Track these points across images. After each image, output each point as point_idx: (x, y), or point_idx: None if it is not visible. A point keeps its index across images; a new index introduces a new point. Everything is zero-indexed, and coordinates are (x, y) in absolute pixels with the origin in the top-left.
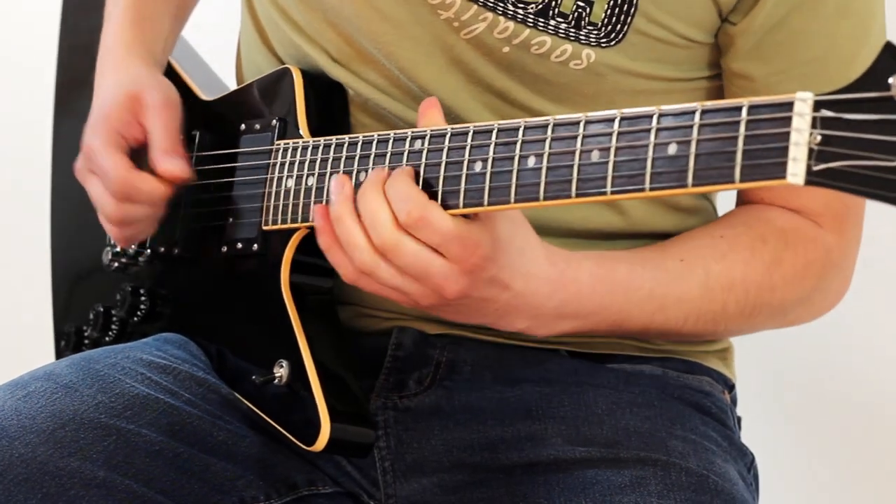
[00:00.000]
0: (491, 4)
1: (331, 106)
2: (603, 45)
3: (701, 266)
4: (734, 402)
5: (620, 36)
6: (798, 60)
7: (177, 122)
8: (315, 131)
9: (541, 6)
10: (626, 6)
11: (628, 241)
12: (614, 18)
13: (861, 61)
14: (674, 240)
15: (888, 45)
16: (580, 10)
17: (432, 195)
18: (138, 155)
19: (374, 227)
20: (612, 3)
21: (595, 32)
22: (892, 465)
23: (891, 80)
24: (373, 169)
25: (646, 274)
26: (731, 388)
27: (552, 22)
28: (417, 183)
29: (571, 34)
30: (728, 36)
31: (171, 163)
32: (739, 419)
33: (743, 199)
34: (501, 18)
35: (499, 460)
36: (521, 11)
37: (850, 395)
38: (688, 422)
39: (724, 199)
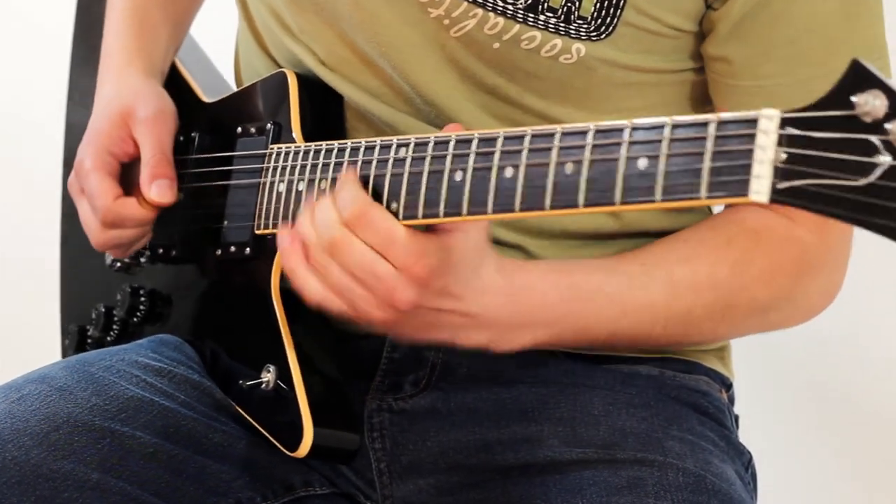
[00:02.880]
0: (480, 1)
1: (325, 110)
2: (593, 38)
3: (663, 269)
4: (732, 400)
5: (610, 29)
6: (779, 42)
7: (169, 136)
8: (309, 135)
9: (530, 1)
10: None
11: (623, 242)
12: (604, 12)
13: (848, 46)
14: (637, 248)
15: (854, 63)
16: (569, 4)
17: (413, 203)
18: (131, 169)
19: (323, 226)
20: None
21: (585, 26)
22: (891, 463)
23: (854, 99)
24: None
25: (603, 279)
26: (728, 386)
27: (542, 17)
28: (366, 187)
29: (561, 28)
30: (710, 21)
31: (156, 189)
32: (737, 418)
33: None
34: (491, 14)
35: (495, 462)
36: (510, 7)
37: (849, 393)
38: (685, 422)
39: None
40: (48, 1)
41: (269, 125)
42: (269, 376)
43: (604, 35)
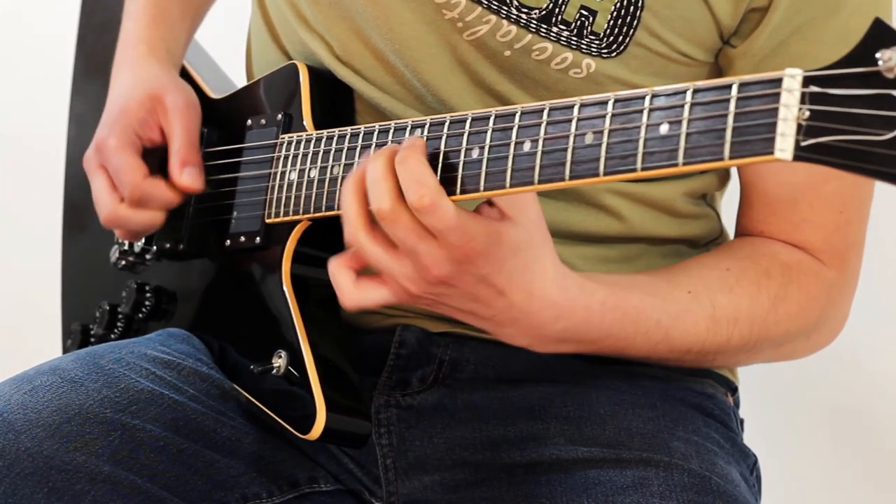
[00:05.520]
0: (495, 7)
1: (336, 101)
2: (604, 55)
3: (708, 299)
4: (737, 404)
5: (622, 48)
6: None
7: (196, 127)
8: (320, 126)
9: (544, 12)
10: (629, 19)
11: (626, 245)
12: (616, 30)
13: None
14: (681, 268)
15: (877, 20)
16: (583, 19)
17: None
18: (151, 155)
19: (375, 194)
20: (615, 14)
21: (596, 42)
22: (894, 467)
23: (878, 55)
24: None
25: (656, 305)
26: (734, 390)
27: (554, 29)
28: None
29: (573, 42)
30: (728, 58)
31: (189, 175)
32: (742, 421)
33: (743, 231)
34: (504, 22)
35: (501, 459)
36: (524, 16)
37: (853, 397)
38: (690, 423)
39: (727, 208)
40: (51, 8)
41: (279, 116)
42: (279, 362)
43: (615, 53)
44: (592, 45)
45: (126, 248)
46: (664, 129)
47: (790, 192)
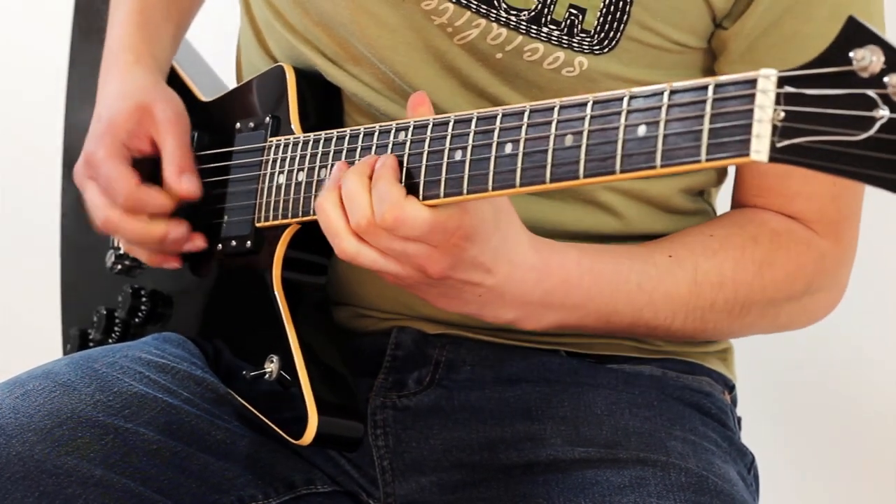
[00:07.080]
0: (484, 11)
1: (324, 103)
2: (596, 52)
3: (690, 262)
4: (734, 402)
5: (613, 43)
6: (790, 63)
7: (187, 137)
8: (308, 128)
9: (533, 13)
10: (619, 14)
11: (624, 243)
12: (607, 26)
13: None
14: (664, 238)
15: (850, 19)
16: (573, 17)
17: (414, 186)
18: (140, 165)
19: (352, 212)
20: (604, 11)
21: (588, 40)
22: (892, 465)
23: (851, 54)
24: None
25: (634, 267)
26: (731, 388)
27: (545, 29)
28: (402, 174)
29: (564, 41)
30: (720, 41)
31: (188, 181)
32: (740, 419)
33: (738, 204)
34: (494, 25)
35: (498, 460)
36: (513, 18)
37: (851, 395)
38: (687, 422)
39: (724, 203)
40: (47, 3)
41: (267, 119)
42: (272, 367)
43: (607, 49)
44: (584, 42)
45: (121, 252)
46: (642, 130)
47: (782, 167)
